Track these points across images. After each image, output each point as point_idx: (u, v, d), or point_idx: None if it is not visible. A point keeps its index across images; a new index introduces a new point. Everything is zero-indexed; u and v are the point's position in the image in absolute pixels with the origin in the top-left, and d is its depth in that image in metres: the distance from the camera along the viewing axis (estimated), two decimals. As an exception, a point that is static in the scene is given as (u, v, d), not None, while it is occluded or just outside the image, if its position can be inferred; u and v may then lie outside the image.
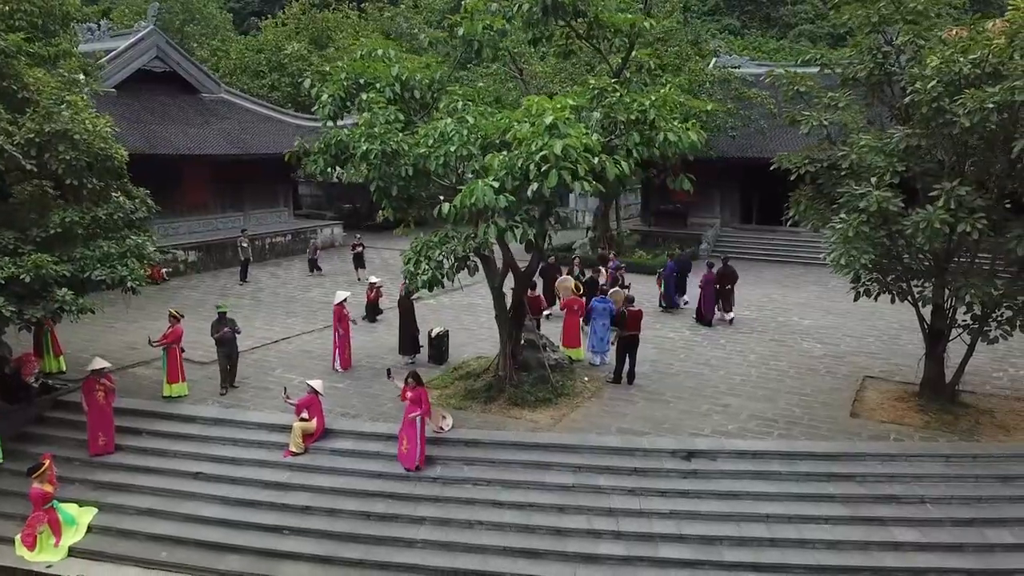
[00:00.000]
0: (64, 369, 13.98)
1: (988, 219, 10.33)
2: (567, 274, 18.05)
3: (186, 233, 24.67)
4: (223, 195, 26.19)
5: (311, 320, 17.86)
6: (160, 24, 32.60)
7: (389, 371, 12.36)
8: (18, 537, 10.06)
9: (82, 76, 14.12)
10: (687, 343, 16.22)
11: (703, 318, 17.55)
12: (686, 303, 19.31)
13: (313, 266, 23.68)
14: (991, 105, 9.44)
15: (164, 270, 21.31)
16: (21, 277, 10.13)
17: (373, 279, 18.06)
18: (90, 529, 10.24)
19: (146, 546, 9.95)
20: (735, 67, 27.44)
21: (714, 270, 17.70)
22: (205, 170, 24.93)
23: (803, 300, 20.49)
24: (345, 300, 14.39)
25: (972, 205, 10.05)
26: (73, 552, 9.94)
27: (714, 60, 30.59)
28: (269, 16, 37.89)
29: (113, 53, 23.08)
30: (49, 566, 9.79)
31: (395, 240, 24.74)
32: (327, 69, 11.69)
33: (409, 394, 10.60)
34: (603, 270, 18.83)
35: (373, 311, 17.48)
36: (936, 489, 10.24)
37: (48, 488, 10.04)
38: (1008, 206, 11.33)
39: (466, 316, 18.48)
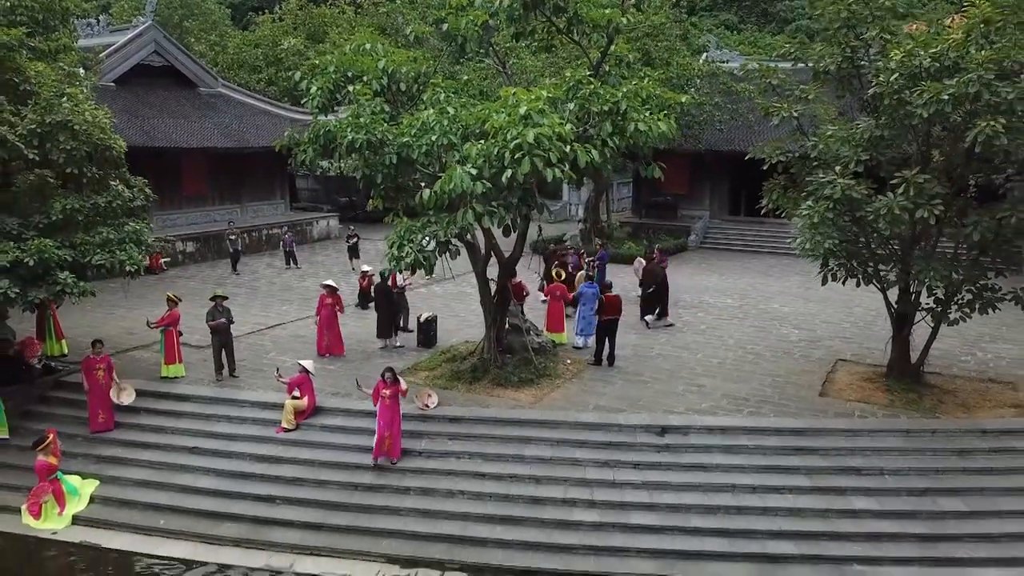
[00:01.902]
0: (66, 352, 14.51)
1: (946, 206, 10.91)
2: (559, 263, 18.50)
3: (184, 224, 25.19)
4: (221, 187, 26.70)
5: (305, 308, 18.36)
6: (159, 19, 33.00)
7: (358, 381, 12.16)
8: (24, 507, 10.62)
9: (82, 70, 14.64)
10: (668, 329, 16.73)
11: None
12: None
13: (289, 258, 23.73)
14: (946, 97, 9.96)
15: (163, 260, 21.87)
16: (25, 261, 10.66)
17: (365, 267, 18.59)
18: (92, 499, 10.80)
19: (145, 515, 10.52)
20: (724, 62, 27.91)
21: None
22: (203, 163, 25.44)
23: (785, 289, 21.01)
24: (331, 286, 14.84)
25: (931, 192, 10.56)
26: (76, 520, 10.52)
27: (704, 55, 31.12)
28: (267, 11, 38.34)
29: (112, 48, 23.56)
30: (54, 533, 10.35)
31: (389, 231, 25.23)
32: (316, 62, 12.04)
33: (386, 391, 10.76)
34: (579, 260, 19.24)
35: (365, 298, 18.00)
36: (895, 462, 10.78)
37: (52, 460, 10.58)
38: (974, 195, 11.88)
39: (456, 304, 19.00)
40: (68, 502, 10.60)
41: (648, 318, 16.71)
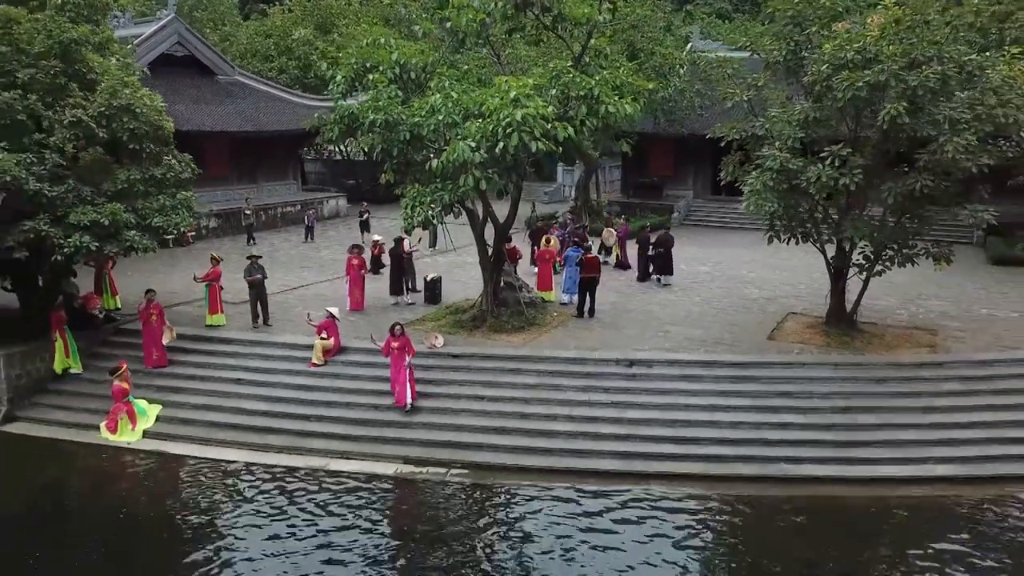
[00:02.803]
0: (120, 307, 16.72)
1: (868, 175, 13.06)
2: (545, 237, 20.65)
3: (208, 202, 27.24)
4: (239, 169, 28.78)
5: (322, 274, 20.59)
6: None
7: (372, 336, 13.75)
8: (102, 424, 12.88)
9: (129, 60, 16.69)
10: (645, 289, 18.93)
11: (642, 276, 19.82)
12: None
13: (307, 233, 26.01)
14: (861, 84, 12.10)
15: (190, 234, 24.01)
16: (101, 221, 12.82)
17: (376, 237, 20.78)
18: (158, 419, 13.06)
19: (204, 430, 12.79)
20: (705, 52, 29.89)
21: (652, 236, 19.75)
22: (224, 146, 27.48)
23: (755, 259, 23.16)
24: (358, 246, 17.04)
25: (853, 164, 12.72)
26: (147, 435, 12.77)
27: (689, 45, 33.10)
28: (277, 3, 40.25)
29: (140, 38, 25.56)
30: (129, 444, 12.60)
31: (394, 210, 27.39)
32: (339, 55, 14.14)
33: (395, 343, 12.70)
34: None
35: (376, 264, 20.19)
36: (822, 387, 13.01)
37: (125, 385, 12.83)
38: (903, 167, 13.93)
39: (457, 271, 21.16)
40: (139, 420, 12.86)
41: (661, 277, 19.28)
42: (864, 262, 14.40)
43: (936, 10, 12.65)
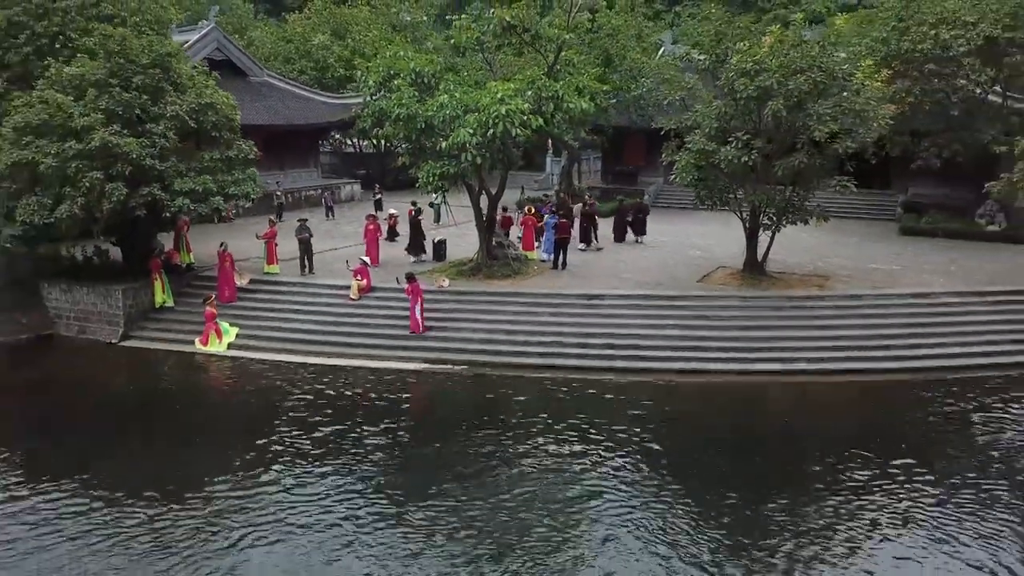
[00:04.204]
0: (193, 262, 21.19)
1: (768, 156, 17.55)
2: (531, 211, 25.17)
3: (242, 186, 31.69)
4: (269, 157, 33.02)
5: (345, 241, 25.05)
6: (192, 16, 39.45)
7: (398, 278, 18.22)
8: (197, 339, 17.38)
9: (198, 67, 21.12)
10: (611, 252, 23.45)
11: (618, 238, 24.57)
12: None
13: (328, 211, 30.63)
14: (752, 87, 16.60)
15: (232, 212, 28.47)
16: (196, 188, 17.28)
17: (392, 211, 25.27)
18: (237, 336, 17.55)
19: (271, 343, 17.28)
20: (674, 56, 34.36)
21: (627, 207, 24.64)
22: (257, 138, 31.54)
23: (707, 232, 27.62)
24: (372, 215, 21.51)
25: (753, 146, 17.22)
26: (231, 347, 17.27)
27: (661, 49, 37.59)
28: (296, 11, 44.70)
29: (187, 45, 29.95)
30: (217, 352, 17.11)
31: (398, 195, 31.91)
32: (368, 64, 18.57)
33: (407, 286, 17.30)
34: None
35: (392, 233, 24.69)
36: (731, 313, 17.52)
37: (214, 310, 17.32)
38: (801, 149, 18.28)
39: (458, 239, 25.47)
40: (224, 336, 17.35)
41: (639, 238, 24.41)
42: (769, 223, 18.92)
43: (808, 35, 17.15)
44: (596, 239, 23.58)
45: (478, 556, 9.47)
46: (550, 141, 33.33)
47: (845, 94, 17.05)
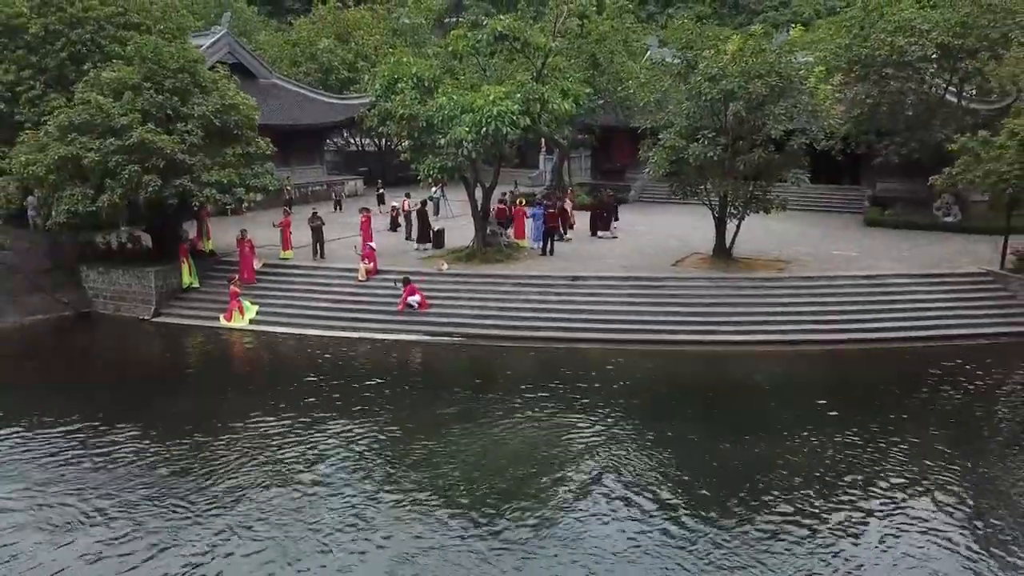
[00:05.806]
0: (212, 248, 23.27)
1: (734, 152, 19.65)
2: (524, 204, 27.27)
3: (253, 181, 33.74)
4: (277, 155, 35.07)
5: (351, 232, 27.05)
6: (202, 20, 41.42)
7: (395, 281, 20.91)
8: (221, 316, 19.47)
9: (221, 71, 23.18)
10: (596, 242, 25.56)
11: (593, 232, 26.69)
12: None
13: (336, 205, 32.73)
14: (716, 90, 18.71)
15: (245, 205, 30.53)
16: (221, 180, 19.36)
17: (395, 203, 27.37)
18: (257, 313, 19.63)
19: (288, 319, 19.37)
20: (661, 59, 36.43)
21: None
22: (267, 137, 33.86)
23: (686, 224, 29.59)
24: (366, 208, 23.60)
25: (718, 142, 19.32)
26: (252, 322, 19.37)
27: (648, 52, 39.68)
28: (301, 15, 46.77)
29: (202, 48, 31.96)
30: (239, 327, 19.20)
31: (397, 190, 34.01)
32: (375, 70, 20.68)
33: (404, 288, 19.48)
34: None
35: (393, 224, 26.79)
36: (699, 291, 19.64)
37: (238, 289, 19.42)
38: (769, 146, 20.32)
39: (456, 231, 27.68)
40: (246, 313, 19.43)
41: (613, 226, 26.28)
42: (735, 212, 21.04)
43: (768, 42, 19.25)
44: (615, 224, 26.05)
45: (462, 479, 11.59)
46: (543, 140, 35.45)
47: (802, 96, 19.16)
